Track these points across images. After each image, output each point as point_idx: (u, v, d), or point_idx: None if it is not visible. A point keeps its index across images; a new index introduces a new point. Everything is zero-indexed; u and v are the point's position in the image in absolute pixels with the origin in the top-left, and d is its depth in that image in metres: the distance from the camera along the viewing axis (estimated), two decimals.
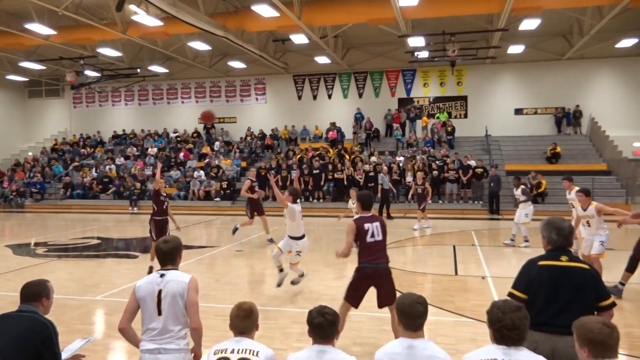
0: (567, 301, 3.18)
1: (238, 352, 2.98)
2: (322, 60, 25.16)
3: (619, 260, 8.00)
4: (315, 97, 27.41)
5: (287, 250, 7.80)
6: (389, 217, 17.25)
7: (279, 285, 7.80)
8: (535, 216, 12.17)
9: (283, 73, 27.32)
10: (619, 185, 20.09)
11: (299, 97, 27.59)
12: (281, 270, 7.84)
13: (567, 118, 24.58)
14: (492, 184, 19.15)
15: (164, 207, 9.47)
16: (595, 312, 3.17)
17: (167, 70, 27.87)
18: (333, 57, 24.51)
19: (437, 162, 21.13)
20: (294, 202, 7.63)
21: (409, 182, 19.84)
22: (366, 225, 5.17)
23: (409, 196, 17.80)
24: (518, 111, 25.38)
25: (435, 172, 20.38)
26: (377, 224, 5.21)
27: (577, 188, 8.71)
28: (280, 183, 22.02)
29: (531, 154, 23.22)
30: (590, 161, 22.09)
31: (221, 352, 3.00)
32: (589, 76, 24.51)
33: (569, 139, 24.04)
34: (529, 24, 20.04)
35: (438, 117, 25.63)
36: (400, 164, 21.47)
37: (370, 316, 6.18)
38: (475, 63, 24.54)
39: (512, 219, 12.73)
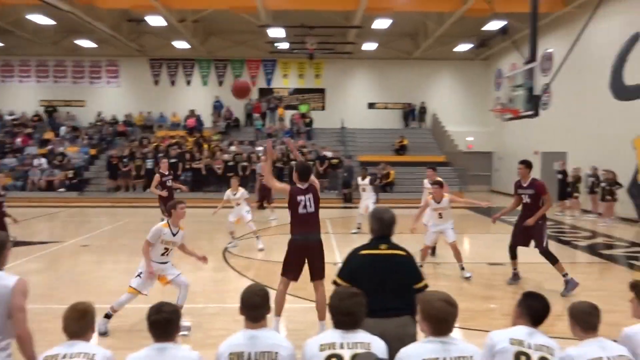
0: (387, 287, 3.34)
1: (71, 357, 2.77)
2: (180, 45, 24.28)
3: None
4: (173, 83, 26.40)
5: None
6: (262, 207, 16.62)
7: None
8: (384, 204, 13.02)
9: (138, 56, 25.84)
10: (455, 175, 22.41)
11: (156, 82, 26.35)
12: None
13: (413, 113, 26.80)
14: (345, 174, 20.06)
15: None
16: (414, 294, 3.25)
17: (1, 44, 24.71)
18: (192, 42, 23.77)
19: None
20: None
21: None
22: (299, 198, 5.21)
23: None
24: (371, 105, 27.02)
25: (292, 163, 20.86)
26: (309, 195, 5.27)
27: (439, 178, 9.09)
28: (134, 172, 20.89)
29: (382, 146, 24.93)
30: (432, 153, 24.39)
31: (51, 359, 2.79)
32: (432, 76, 26.98)
33: (414, 133, 26.27)
34: (381, 23, 21.42)
35: (300, 109, 26.17)
36: (260, 154, 21.56)
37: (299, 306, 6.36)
38: (333, 57, 25.56)
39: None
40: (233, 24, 23.44)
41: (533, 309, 3.05)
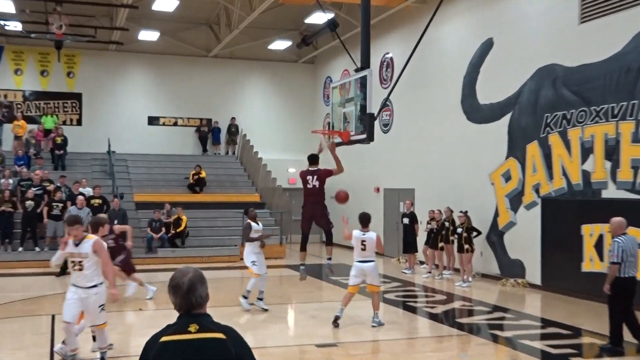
0: None
1: None
2: None
3: None
4: None
5: None
6: None
7: None
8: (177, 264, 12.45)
9: None
10: (273, 221, 22.60)
11: None
12: None
13: (215, 134, 26.65)
14: (116, 222, 19.04)
15: None
16: None
17: None
18: None
19: (31, 188, 19.81)
20: None
21: None
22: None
23: None
24: (153, 120, 26.45)
25: (29, 204, 19.05)
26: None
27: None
28: None
29: (169, 180, 24.37)
30: (242, 190, 24.43)
31: None
32: (241, 82, 27.29)
33: (216, 162, 26.16)
34: (165, 4, 20.99)
35: (43, 122, 24.50)
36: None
37: None
38: (94, 48, 24.56)
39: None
40: None
41: None
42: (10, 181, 20.22)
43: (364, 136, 10.80)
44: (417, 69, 17.65)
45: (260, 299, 12.35)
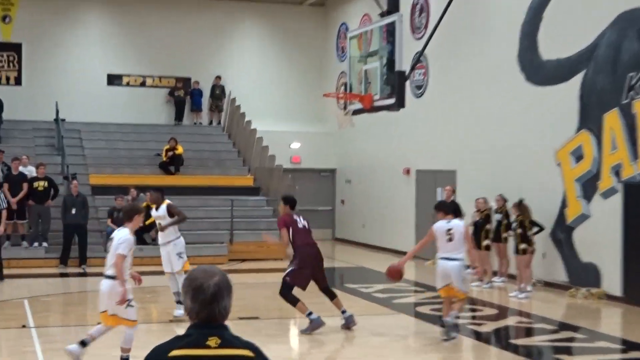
0: None
1: None
2: None
3: None
4: None
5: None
6: None
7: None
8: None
9: None
10: (271, 212, 22.61)
11: None
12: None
13: (195, 98, 26.66)
14: (73, 211, 19.21)
15: None
16: None
17: None
18: None
19: None
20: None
21: None
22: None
23: None
24: (114, 79, 26.53)
25: None
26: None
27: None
28: None
29: (135, 157, 24.51)
30: (230, 171, 24.56)
31: None
32: (229, 30, 27.40)
33: (197, 133, 26.29)
34: None
35: None
36: None
37: None
38: None
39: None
40: None
41: None
42: None
43: (391, 101, 10.84)
44: (460, 15, 17.54)
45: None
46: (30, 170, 20.45)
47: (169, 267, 12.99)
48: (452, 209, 11.78)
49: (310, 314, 11.63)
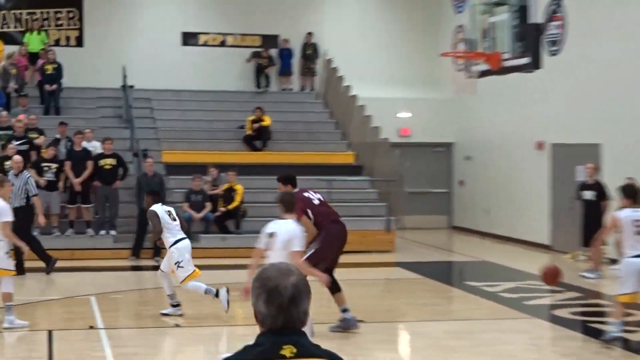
0: None
1: None
2: None
3: None
4: None
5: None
6: None
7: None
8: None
9: None
10: (376, 195, 22.67)
11: None
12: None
13: (284, 59, 26.82)
14: (147, 189, 19.45)
15: None
16: None
17: None
18: None
19: (12, 141, 20.48)
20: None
21: None
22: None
23: None
24: (190, 39, 26.91)
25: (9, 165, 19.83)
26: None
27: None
28: None
29: (214, 130, 24.85)
30: (327, 146, 24.71)
31: None
32: None
33: (287, 101, 26.55)
34: None
35: (26, 42, 25.14)
36: None
37: None
38: None
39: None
40: None
41: None
42: None
43: (525, 60, 10.70)
44: None
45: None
46: (94, 146, 20.74)
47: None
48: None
49: (345, 310, 11.69)
